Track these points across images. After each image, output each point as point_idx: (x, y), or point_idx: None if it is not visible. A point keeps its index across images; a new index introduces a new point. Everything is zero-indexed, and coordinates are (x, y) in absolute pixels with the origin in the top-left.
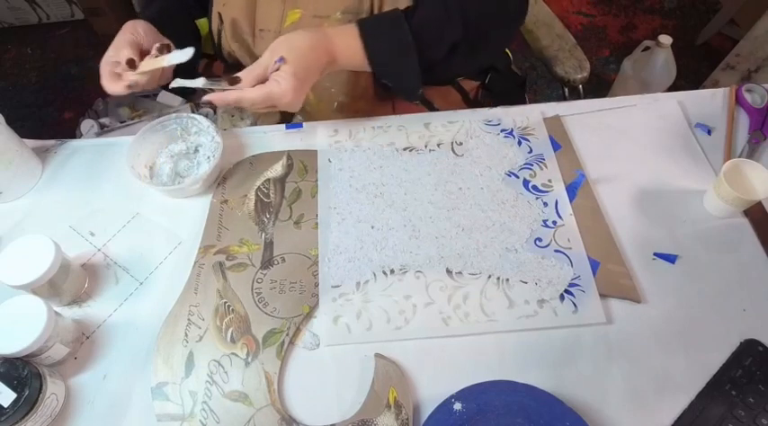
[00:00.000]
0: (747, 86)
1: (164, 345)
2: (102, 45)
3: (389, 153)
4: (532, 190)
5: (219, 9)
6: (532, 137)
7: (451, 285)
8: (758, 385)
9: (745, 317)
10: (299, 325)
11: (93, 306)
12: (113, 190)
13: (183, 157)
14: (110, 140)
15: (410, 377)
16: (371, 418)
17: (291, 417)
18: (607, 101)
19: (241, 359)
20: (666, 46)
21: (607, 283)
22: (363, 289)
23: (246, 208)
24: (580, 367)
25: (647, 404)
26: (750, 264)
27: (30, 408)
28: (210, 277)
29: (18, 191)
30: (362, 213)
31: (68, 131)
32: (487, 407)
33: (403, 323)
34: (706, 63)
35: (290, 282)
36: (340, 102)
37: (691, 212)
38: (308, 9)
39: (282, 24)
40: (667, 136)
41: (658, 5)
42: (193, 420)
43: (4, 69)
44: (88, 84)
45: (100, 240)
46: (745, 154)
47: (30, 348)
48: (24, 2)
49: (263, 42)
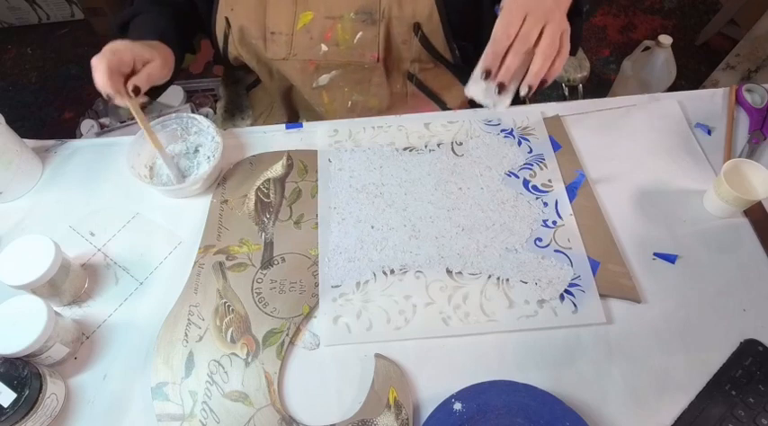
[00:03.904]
0: (747, 86)
1: (164, 345)
2: (103, 45)
3: (389, 153)
4: (532, 190)
5: (227, 14)
6: (532, 137)
7: (451, 285)
8: (758, 385)
9: (745, 317)
10: (299, 325)
11: (93, 306)
12: (113, 190)
13: (183, 157)
14: (110, 140)
15: (410, 377)
16: (371, 418)
17: (291, 417)
18: (607, 101)
19: (241, 359)
20: (666, 46)
21: (607, 283)
22: (363, 289)
23: (246, 208)
24: (580, 367)
25: (647, 404)
26: (750, 264)
27: (30, 408)
28: (210, 277)
29: (18, 191)
30: (362, 213)
31: (68, 131)
32: (487, 407)
33: (403, 324)
34: (706, 63)
35: (290, 282)
36: (354, 101)
37: (691, 212)
38: (320, 10)
39: (294, 26)
40: (667, 136)
41: (658, 5)
42: (193, 420)
43: (4, 69)
44: (88, 83)
45: (100, 240)
46: (745, 154)
47: (30, 348)
48: (24, 2)
49: (274, 45)
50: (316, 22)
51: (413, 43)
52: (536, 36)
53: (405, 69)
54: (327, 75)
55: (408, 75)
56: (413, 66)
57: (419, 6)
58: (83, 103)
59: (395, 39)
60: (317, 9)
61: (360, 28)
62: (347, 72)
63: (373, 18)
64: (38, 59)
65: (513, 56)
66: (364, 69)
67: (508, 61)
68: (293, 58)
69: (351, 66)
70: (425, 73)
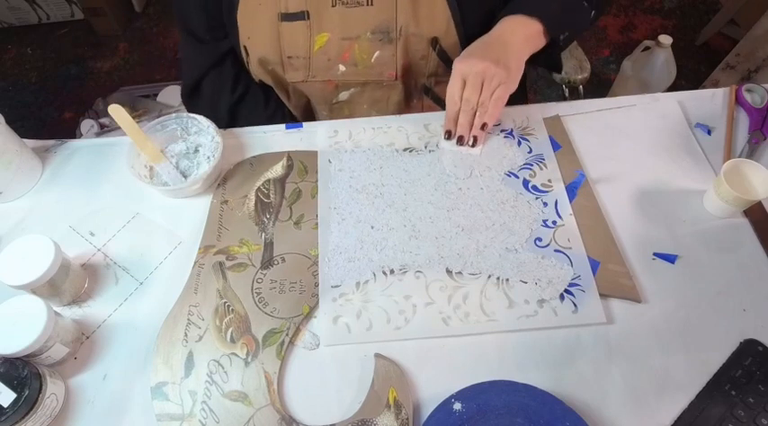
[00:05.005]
0: (747, 86)
1: (163, 345)
2: (103, 45)
3: (389, 153)
4: (532, 190)
5: (245, 43)
6: (532, 138)
7: (451, 285)
8: (758, 385)
9: (745, 317)
10: (299, 325)
11: (93, 306)
12: (113, 190)
13: (183, 157)
14: (110, 140)
15: (410, 377)
16: (371, 418)
17: (291, 417)
18: (607, 101)
19: (241, 358)
20: (666, 46)
21: (607, 283)
22: (363, 289)
23: (246, 209)
24: (580, 367)
25: (647, 404)
26: (750, 264)
27: (30, 408)
28: (210, 277)
29: (18, 191)
30: (362, 213)
31: (68, 131)
32: (487, 407)
33: (403, 323)
34: (706, 63)
35: (290, 282)
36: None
37: (691, 212)
38: (336, 32)
39: (311, 49)
40: (667, 136)
41: (658, 5)
42: (193, 419)
43: (4, 69)
44: (88, 83)
45: (100, 240)
46: (745, 154)
47: (30, 348)
48: (24, 2)
49: (292, 68)
50: (332, 44)
51: (431, 58)
52: (477, 96)
53: (421, 83)
54: (347, 92)
55: (425, 88)
56: (429, 80)
57: (437, 21)
58: (83, 103)
59: (413, 56)
60: (333, 30)
61: (377, 47)
62: (366, 90)
63: (390, 37)
64: (38, 59)
65: (463, 116)
66: (383, 87)
67: (461, 120)
68: (312, 80)
69: (370, 84)
70: (441, 86)
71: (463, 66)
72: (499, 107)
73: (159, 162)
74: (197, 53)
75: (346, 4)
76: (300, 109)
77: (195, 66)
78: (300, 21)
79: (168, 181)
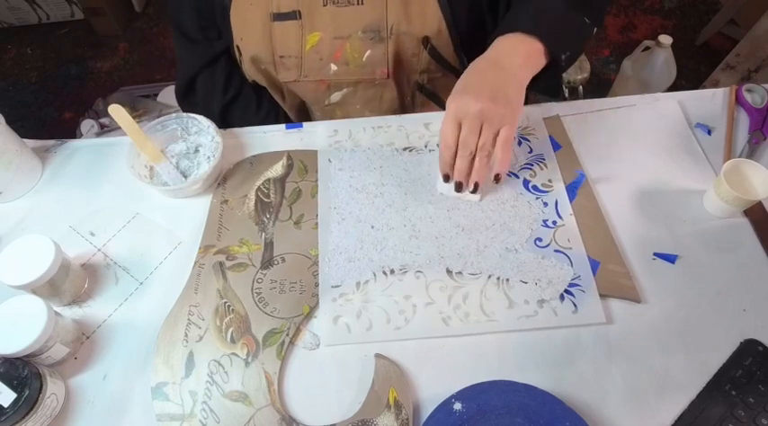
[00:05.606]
0: (747, 86)
1: (164, 345)
2: (103, 45)
3: (389, 153)
4: (532, 190)
5: (238, 43)
6: (532, 137)
7: (451, 285)
8: (758, 385)
9: (745, 317)
10: (299, 325)
11: (93, 306)
12: (113, 190)
13: (184, 157)
14: (110, 140)
15: (410, 377)
16: (371, 418)
17: (291, 417)
18: (607, 101)
19: (241, 359)
20: (666, 46)
21: (607, 283)
22: (363, 289)
23: (246, 209)
24: (580, 367)
25: (647, 404)
26: (750, 264)
27: (30, 408)
28: (210, 277)
29: (18, 191)
30: (362, 213)
31: (68, 131)
32: (487, 407)
33: (403, 323)
34: (706, 63)
35: (290, 282)
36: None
37: (691, 212)
38: (328, 31)
39: (303, 49)
40: (667, 136)
41: (658, 5)
42: (193, 420)
43: (4, 69)
44: (88, 83)
45: (100, 240)
46: (745, 154)
47: (30, 348)
48: (24, 2)
49: (284, 68)
50: (324, 43)
51: (422, 56)
52: (476, 139)
53: (414, 80)
54: (339, 92)
55: (417, 85)
56: (422, 77)
57: (428, 20)
58: (83, 103)
59: (404, 54)
60: (325, 30)
61: (368, 46)
62: (358, 89)
63: (381, 36)
64: (38, 59)
65: (460, 160)
66: (375, 86)
67: (458, 165)
68: (304, 79)
69: (362, 83)
70: (434, 82)
71: (457, 106)
72: (508, 151)
73: (159, 162)
74: (189, 53)
75: (337, 3)
76: (295, 109)
77: (188, 66)
78: (292, 20)
79: (168, 181)
